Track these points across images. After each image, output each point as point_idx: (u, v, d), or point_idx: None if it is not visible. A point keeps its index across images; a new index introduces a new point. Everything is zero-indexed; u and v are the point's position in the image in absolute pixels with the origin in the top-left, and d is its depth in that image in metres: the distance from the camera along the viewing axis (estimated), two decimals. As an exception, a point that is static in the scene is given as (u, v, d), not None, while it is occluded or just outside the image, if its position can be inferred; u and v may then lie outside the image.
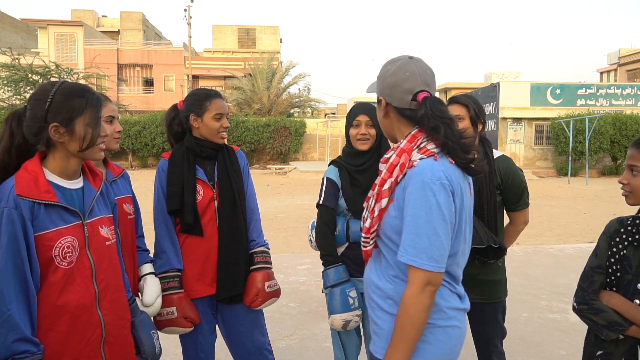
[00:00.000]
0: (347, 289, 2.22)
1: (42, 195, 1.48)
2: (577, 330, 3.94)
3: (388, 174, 1.49)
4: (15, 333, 1.38)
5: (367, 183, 2.26)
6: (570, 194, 14.44)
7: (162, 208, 2.26)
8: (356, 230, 2.27)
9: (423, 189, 1.39)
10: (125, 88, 35.97)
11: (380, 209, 1.50)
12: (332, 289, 2.24)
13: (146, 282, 2.12)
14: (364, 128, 2.30)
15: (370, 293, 1.60)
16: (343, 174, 2.36)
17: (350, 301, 2.21)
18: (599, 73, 43.42)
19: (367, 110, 2.32)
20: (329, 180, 2.38)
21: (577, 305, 1.80)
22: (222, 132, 2.28)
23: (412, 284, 1.40)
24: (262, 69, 29.34)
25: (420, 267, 1.38)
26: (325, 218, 2.33)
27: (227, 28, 40.61)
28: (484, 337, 2.44)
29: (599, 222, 9.52)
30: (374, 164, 2.29)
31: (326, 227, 2.32)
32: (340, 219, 2.36)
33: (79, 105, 1.53)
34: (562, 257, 6.44)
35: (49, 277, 1.49)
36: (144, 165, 25.22)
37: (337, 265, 2.28)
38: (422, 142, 1.48)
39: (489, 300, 2.39)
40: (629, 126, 21.66)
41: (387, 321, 1.52)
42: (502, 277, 2.44)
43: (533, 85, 23.64)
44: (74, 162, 1.58)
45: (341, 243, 2.35)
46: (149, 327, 1.84)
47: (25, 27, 39.78)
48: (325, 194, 2.36)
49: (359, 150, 2.32)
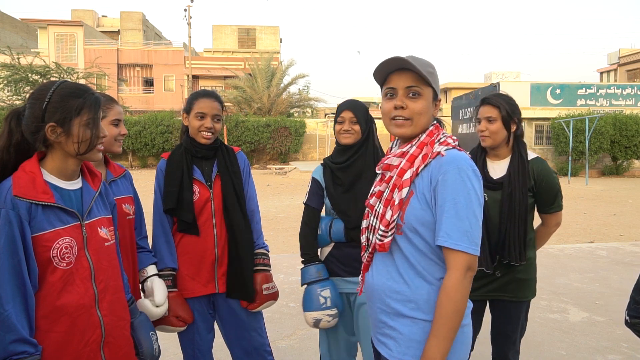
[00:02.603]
0: (320, 287, 2.24)
1: (39, 196, 1.48)
2: (577, 330, 3.94)
3: (408, 164, 1.50)
4: (13, 334, 1.37)
5: (349, 181, 2.27)
6: (570, 194, 14.43)
7: (159, 207, 2.28)
8: (338, 230, 2.28)
9: (460, 174, 1.42)
10: (125, 88, 35.96)
11: (401, 198, 1.48)
12: (307, 287, 2.28)
13: (154, 283, 2.12)
14: (348, 124, 2.28)
15: (384, 298, 1.54)
16: (326, 172, 2.36)
17: (322, 300, 2.22)
18: (599, 73, 43.42)
19: (351, 107, 2.31)
20: (313, 180, 2.40)
21: (631, 320, 1.72)
22: (203, 131, 2.26)
23: (455, 270, 1.40)
24: (262, 68, 29.34)
25: (465, 250, 1.39)
26: (306, 217, 2.37)
27: (227, 28, 40.59)
28: (504, 334, 2.44)
29: (599, 222, 9.52)
30: (357, 161, 2.28)
31: (306, 226, 2.35)
32: (325, 218, 2.37)
33: (76, 105, 1.52)
34: (562, 257, 6.43)
35: (47, 278, 1.48)
36: (144, 165, 25.21)
37: (313, 263, 2.30)
38: (441, 137, 1.53)
39: (517, 298, 2.39)
40: (629, 126, 21.63)
41: (408, 325, 1.49)
42: (532, 277, 2.43)
43: (533, 85, 23.62)
44: (72, 162, 1.58)
45: (325, 243, 2.35)
46: (148, 328, 1.83)
47: (25, 27, 39.76)
48: (309, 193, 2.39)
49: (343, 146, 2.30)
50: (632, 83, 26.92)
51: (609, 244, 7.27)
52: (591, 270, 5.78)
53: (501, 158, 2.42)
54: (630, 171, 22.66)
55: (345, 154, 2.30)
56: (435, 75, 1.55)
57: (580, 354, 3.51)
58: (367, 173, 2.25)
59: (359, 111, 2.30)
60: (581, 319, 4.21)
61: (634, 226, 9.13)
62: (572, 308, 4.49)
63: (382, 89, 1.60)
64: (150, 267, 2.17)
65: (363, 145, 2.30)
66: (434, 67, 1.55)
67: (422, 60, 1.52)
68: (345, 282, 2.31)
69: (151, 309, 2.04)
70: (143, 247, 2.20)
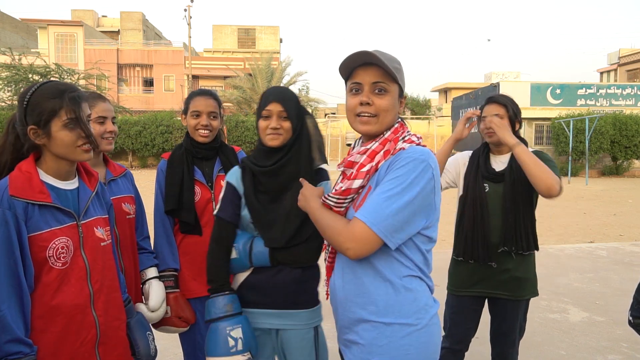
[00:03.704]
0: (229, 326, 1.73)
1: (36, 196, 1.47)
2: (577, 330, 3.93)
3: (368, 159, 1.48)
4: (8, 334, 1.37)
5: (277, 189, 1.81)
6: (571, 194, 14.42)
7: (159, 208, 2.27)
8: (261, 252, 1.79)
9: (410, 163, 1.40)
10: (125, 88, 35.96)
11: (350, 187, 1.47)
12: (211, 324, 1.76)
13: (151, 287, 2.11)
14: (276, 121, 1.80)
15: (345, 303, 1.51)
16: (246, 177, 1.85)
17: (231, 342, 1.71)
18: (599, 73, 43.42)
19: (280, 98, 1.82)
20: (228, 185, 1.87)
21: (634, 320, 1.74)
22: (199, 129, 2.25)
23: (353, 229, 1.38)
24: (262, 68, 29.35)
25: (365, 221, 1.36)
26: (217, 233, 1.84)
27: (227, 28, 40.60)
28: (502, 333, 2.45)
29: (599, 222, 9.51)
30: (288, 165, 1.82)
31: (216, 244, 1.83)
32: (243, 235, 1.85)
33: (53, 106, 1.50)
34: (562, 257, 6.43)
35: (43, 278, 1.48)
36: (144, 165, 25.20)
37: (223, 293, 1.78)
38: (406, 135, 1.52)
39: (515, 297, 2.40)
40: (629, 126, 21.62)
41: (368, 330, 1.45)
42: (532, 276, 2.44)
43: (533, 85, 23.62)
44: (64, 163, 1.57)
45: (243, 269, 1.84)
46: (145, 329, 1.82)
47: (25, 27, 39.78)
48: (222, 202, 1.86)
49: (269, 148, 1.82)
50: (632, 83, 26.92)
51: (609, 244, 7.27)
52: (591, 270, 5.78)
53: (504, 153, 2.47)
54: (630, 171, 22.66)
55: (273, 156, 1.82)
56: (401, 72, 1.53)
57: (580, 354, 3.51)
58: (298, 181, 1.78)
59: (289, 103, 1.83)
60: (581, 319, 4.20)
61: (634, 226, 9.12)
62: (572, 308, 4.48)
63: (346, 83, 1.55)
64: (150, 269, 2.16)
65: (294, 145, 1.84)
66: (400, 63, 1.54)
67: (389, 56, 1.50)
68: (266, 316, 1.82)
69: (147, 313, 2.03)
70: (144, 248, 2.19)
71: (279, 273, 1.80)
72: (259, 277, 1.82)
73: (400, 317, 1.42)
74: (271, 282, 1.81)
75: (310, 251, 1.82)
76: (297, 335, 1.83)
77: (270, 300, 1.81)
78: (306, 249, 1.80)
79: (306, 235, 1.78)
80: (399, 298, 1.43)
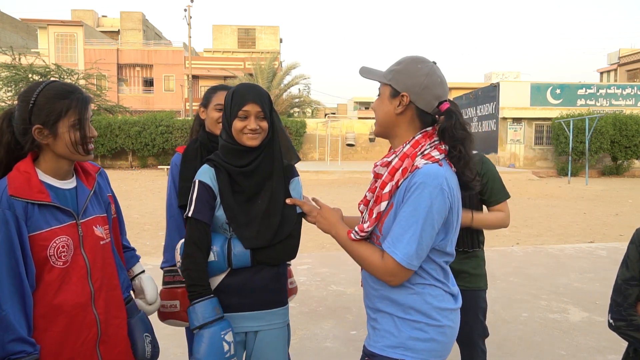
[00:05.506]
0: (222, 330, 1.66)
1: (35, 196, 1.48)
2: (577, 330, 3.93)
3: (389, 177, 1.50)
4: (11, 333, 1.37)
5: (253, 188, 1.79)
6: (571, 194, 14.43)
7: (172, 203, 2.27)
8: (242, 253, 1.75)
9: (422, 189, 1.43)
10: (125, 88, 36.00)
11: (379, 211, 1.51)
12: (202, 330, 1.67)
13: (143, 281, 2.11)
14: (254, 121, 1.76)
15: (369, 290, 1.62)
16: (222, 177, 1.79)
17: (225, 347, 1.65)
18: (599, 73, 43.45)
19: (258, 99, 1.78)
20: (201, 184, 1.79)
21: (615, 322, 1.72)
22: (220, 122, 2.26)
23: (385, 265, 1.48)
24: (264, 68, 29.35)
25: (394, 256, 1.45)
26: (195, 235, 1.74)
27: (227, 28, 40.62)
28: (464, 331, 2.47)
29: (599, 222, 9.52)
30: (262, 163, 1.81)
31: (195, 247, 1.73)
32: (218, 237, 1.78)
33: (62, 107, 1.52)
34: (562, 257, 6.43)
35: (44, 277, 1.48)
36: (144, 165, 25.20)
37: (207, 297, 1.70)
38: (426, 149, 1.50)
39: (469, 286, 2.45)
40: (629, 126, 21.63)
41: (384, 318, 1.57)
42: (482, 272, 2.54)
43: (533, 85, 23.64)
44: (64, 162, 1.58)
45: (221, 270, 1.77)
46: (143, 330, 1.82)
47: (25, 27, 39.80)
48: (196, 203, 1.76)
49: (245, 147, 1.79)
50: (632, 83, 26.93)
51: (609, 244, 7.27)
52: (591, 270, 5.78)
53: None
54: (630, 171, 22.66)
55: (247, 156, 1.79)
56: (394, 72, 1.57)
57: (580, 354, 3.51)
58: (275, 177, 1.82)
59: (265, 103, 1.80)
60: (581, 319, 4.20)
61: (634, 226, 9.12)
62: (572, 308, 4.48)
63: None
64: (136, 266, 2.16)
65: (269, 143, 1.84)
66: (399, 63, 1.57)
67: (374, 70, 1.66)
68: (244, 319, 1.78)
69: (145, 307, 2.04)
70: (126, 246, 2.19)
71: (258, 272, 1.78)
72: (236, 278, 1.77)
73: (412, 315, 1.52)
74: (250, 283, 1.78)
75: (291, 248, 1.84)
76: (273, 335, 1.83)
77: (249, 301, 1.78)
78: (286, 245, 1.82)
79: (286, 233, 1.80)
80: (408, 300, 1.53)
